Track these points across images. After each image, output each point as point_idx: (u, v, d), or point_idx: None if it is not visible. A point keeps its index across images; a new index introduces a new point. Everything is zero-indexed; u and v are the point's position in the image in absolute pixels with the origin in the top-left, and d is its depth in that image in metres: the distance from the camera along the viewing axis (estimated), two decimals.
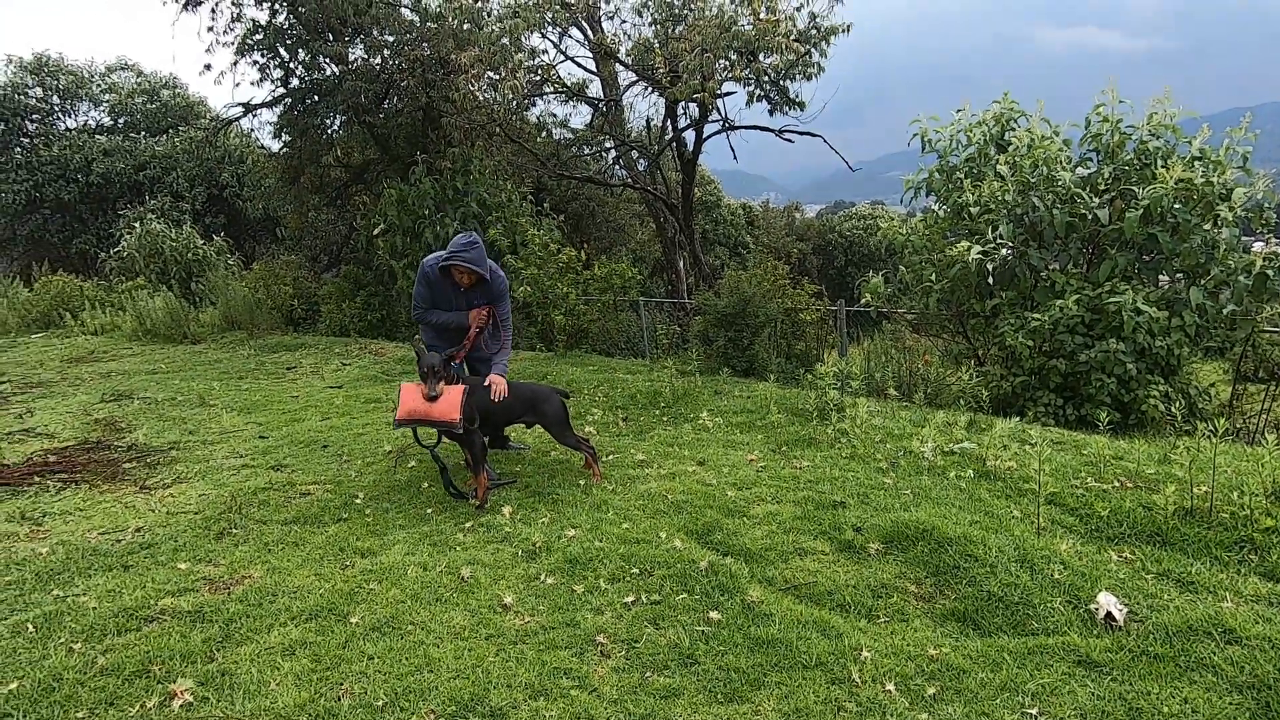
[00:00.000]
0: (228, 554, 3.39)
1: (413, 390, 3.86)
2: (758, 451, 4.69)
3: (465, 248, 4.09)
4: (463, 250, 4.08)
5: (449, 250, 4.12)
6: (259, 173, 15.02)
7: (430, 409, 3.78)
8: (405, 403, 3.79)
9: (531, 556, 3.27)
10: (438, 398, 3.80)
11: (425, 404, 3.79)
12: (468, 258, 4.07)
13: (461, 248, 4.09)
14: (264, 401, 6.82)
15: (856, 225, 31.75)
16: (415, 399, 3.81)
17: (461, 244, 4.11)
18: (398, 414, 3.79)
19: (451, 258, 4.09)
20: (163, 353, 10.35)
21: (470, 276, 4.18)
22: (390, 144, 12.02)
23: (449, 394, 3.84)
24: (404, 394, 3.84)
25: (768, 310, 7.47)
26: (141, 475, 4.69)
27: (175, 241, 14.97)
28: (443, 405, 3.80)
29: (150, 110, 22.39)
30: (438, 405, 3.79)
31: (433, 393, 3.80)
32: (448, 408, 3.80)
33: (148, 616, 2.80)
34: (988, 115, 7.18)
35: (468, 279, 4.20)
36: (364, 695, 2.28)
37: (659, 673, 2.42)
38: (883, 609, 2.83)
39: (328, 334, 11.33)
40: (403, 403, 3.80)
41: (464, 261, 4.07)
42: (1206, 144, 6.05)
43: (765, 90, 9.63)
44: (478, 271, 4.11)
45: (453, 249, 4.11)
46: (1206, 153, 6.01)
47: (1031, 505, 3.64)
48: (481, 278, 4.19)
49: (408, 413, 3.78)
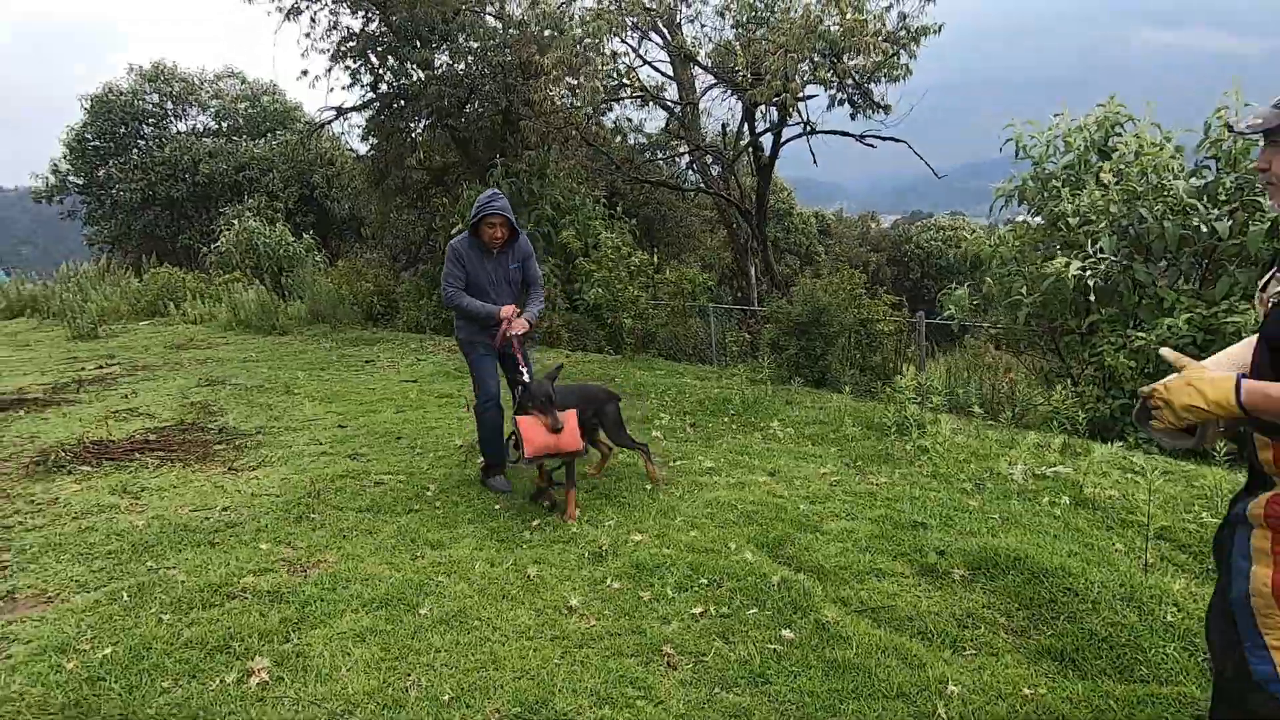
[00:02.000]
0: (305, 537, 3.49)
1: (535, 425, 3.63)
2: (831, 465, 4.52)
3: (492, 198, 4.03)
4: (491, 200, 4.01)
5: (477, 208, 4.03)
6: (347, 175, 15.72)
7: (560, 441, 3.63)
8: (532, 439, 3.59)
9: (598, 559, 3.22)
10: (561, 428, 3.63)
11: (553, 437, 3.62)
12: (499, 205, 4.00)
13: (489, 198, 4.02)
14: (343, 392, 7.07)
15: (935, 236, 30.56)
16: (541, 433, 3.61)
17: (486, 197, 4.04)
18: (527, 452, 3.58)
19: (482, 211, 4.00)
20: (253, 342, 10.91)
21: (502, 230, 4.08)
22: (470, 147, 12.36)
23: (568, 421, 3.71)
24: (526, 429, 3.62)
25: (843, 320, 7.25)
26: (230, 457, 4.92)
27: (268, 238, 15.81)
28: (568, 436, 3.65)
29: (251, 115, 23.82)
30: (564, 437, 3.64)
31: (557, 425, 3.62)
32: (572, 438, 3.67)
33: (230, 593, 2.89)
34: (1089, 120, 6.74)
35: (500, 233, 4.09)
36: (430, 688, 2.28)
37: (728, 690, 2.32)
38: (969, 641, 2.64)
39: (404, 330, 11.70)
40: (529, 440, 3.59)
41: (497, 210, 3.99)
42: None
43: (849, 93, 9.37)
44: (509, 219, 4.04)
45: (480, 206, 4.02)
46: None
47: (1136, 538, 3.35)
48: (513, 230, 4.12)
49: (539, 449, 3.60)
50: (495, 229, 4.09)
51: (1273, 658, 1.51)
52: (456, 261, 4.11)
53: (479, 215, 4.04)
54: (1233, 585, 1.59)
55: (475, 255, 4.15)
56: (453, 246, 4.15)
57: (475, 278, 4.15)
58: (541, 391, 3.72)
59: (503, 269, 4.23)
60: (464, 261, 4.12)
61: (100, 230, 23.20)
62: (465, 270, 4.13)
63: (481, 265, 4.16)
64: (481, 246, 4.15)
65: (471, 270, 4.14)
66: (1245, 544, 1.57)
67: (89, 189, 22.65)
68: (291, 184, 21.35)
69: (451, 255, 4.14)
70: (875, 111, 9.60)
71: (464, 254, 4.12)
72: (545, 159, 10.65)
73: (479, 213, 4.04)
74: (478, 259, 4.15)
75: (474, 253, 4.14)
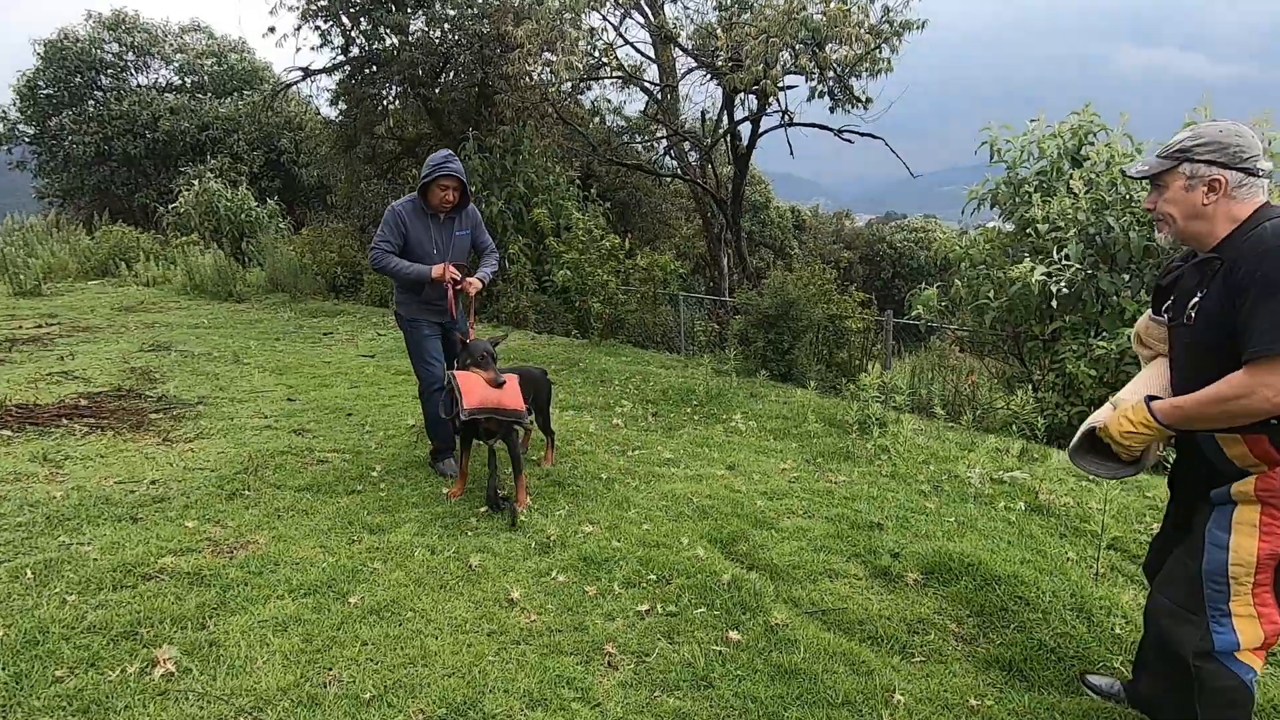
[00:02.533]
0: (236, 516, 3.30)
1: (475, 379, 3.40)
2: (791, 460, 4.45)
3: (448, 158, 3.76)
4: (447, 161, 3.75)
5: (431, 167, 3.74)
6: (314, 139, 15.19)
7: (501, 397, 3.38)
8: (473, 391, 3.33)
9: (545, 550, 3.10)
10: (504, 384, 3.41)
11: (495, 392, 3.38)
12: (455, 167, 3.74)
13: (445, 158, 3.76)
14: (296, 364, 6.80)
15: (907, 237, 30.87)
16: (483, 388, 3.36)
17: (442, 156, 3.77)
18: (466, 403, 3.27)
19: (437, 170, 3.71)
20: (207, 308, 10.50)
21: (454, 194, 3.82)
22: (443, 119, 11.99)
23: (510, 382, 3.49)
24: (465, 382, 3.36)
25: (811, 314, 7.19)
26: (166, 427, 4.67)
27: (230, 201, 15.22)
28: (510, 394, 3.43)
29: (217, 72, 22.88)
30: (506, 394, 3.40)
31: (499, 379, 3.39)
32: (515, 398, 3.45)
33: (146, 574, 2.71)
34: (1063, 127, 6.76)
35: (452, 196, 3.82)
36: (351, 685, 2.14)
37: (669, 693, 2.23)
38: (919, 647, 2.58)
39: (368, 304, 11.38)
40: (469, 391, 3.32)
41: (453, 171, 3.71)
42: None
43: (829, 85, 9.27)
44: (462, 181, 3.79)
45: (434, 165, 3.73)
46: None
47: (1088, 547, 3.34)
48: (465, 193, 3.88)
49: (479, 402, 3.31)
50: (447, 192, 3.82)
51: (1236, 628, 1.73)
52: (394, 224, 3.81)
53: (432, 175, 3.75)
54: (1204, 557, 1.77)
55: (419, 219, 3.85)
56: (392, 208, 3.84)
57: (416, 243, 3.86)
58: (481, 348, 3.52)
59: (448, 235, 3.96)
60: (404, 225, 3.82)
61: (51, 184, 22.13)
62: (405, 235, 3.83)
63: (425, 230, 3.88)
64: (427, 210, 3.88)
65: (413, 235, 3.84)
66: (1226, 519, 1.76)
67: (40, 139, 21.57)
68: (257, 147, 20.59)
69: (390, 217, 3.82)
70: (855, 105, 9.51)
71: (405, 217, 3.82)
72: (520, 135, 10.38)
73: (433, 172, 3.75)
74: (421, 223, 3.86)
75: (418, 216, 3.85)
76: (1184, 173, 1.83)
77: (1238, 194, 1.79)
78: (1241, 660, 1.75)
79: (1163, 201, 1.87)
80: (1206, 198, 1.80)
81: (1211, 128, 1.84)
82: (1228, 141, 1.79)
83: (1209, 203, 1.80)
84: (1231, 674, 1.75)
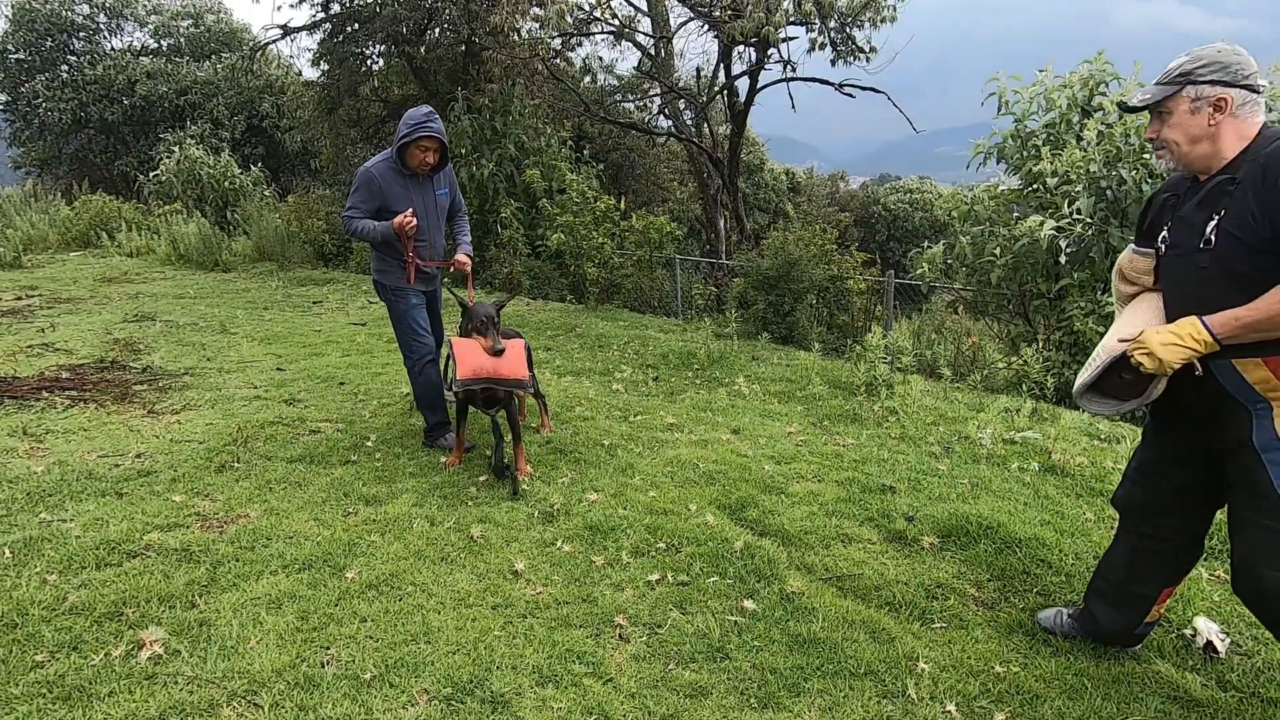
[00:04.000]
0: (226, 490, 3.17)
1: (471, 346, 3.25)
2: (797, 424, 4.34)
3: (428, 116, 3.51)
4: (428, 120, 3.50)
5: (410, 126, 3.48)
6: (296, 102, 14.72)
7: (498, 365, 3.22)
8: (466, 360, 3.18)
9: (549, 519, 2.99)
10: (503, 352, 3.24)
11: (491, 360, 3.22)
12: (437, 126, 3.51)
13: (425, 116, 3.51)
14: (286, 333, 6.62)
15: (902, 199, 30.50)
16: (478, 355, 3.21)
17: (422, 115, 3.51)
18: (460, 373, 3.14)
19: (417, 130, 3.47)
20: (192, 278, 10.25)
21: (435, 154, 3.60)
22: (430, 79, 11.60)
23: (512, 348, 3.32)
24: (461, 350, 3.20)
25: (813, 275, 7.03)
26: (151, 399, 4.52)
27: (213, 169, 14.80)
28: (510, 362, 3.26)
29: (194, 34, 22.11)
30: (505, 362, 3.25)
31: (498, 346, 3.23)
32: (516, 364, 3.28)
33: (131, 551, 2.58)
34: (1074, 77, 6.52)
35: (432, 158, 3.60)
36: (351, 664, 2.03)
37: (684, 666, 2.13)
38: (938, 613, 2.49)
39: (357, 271, 11.13)
40: (463, 360, 3.17)
41: (435, 132, 3.48)
42: None
43: (830, 35, 8.93)
44: (442, 141, 3.56)
45: (414, 125, 3.48)
46: None
47: (1105, 507, 3.24)
48: (445, 154, 3.65)
49: (472, 371, 3.16)
50: (427, 153, 3.58)
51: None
52: (368, 189, 3.58)
53: (412, 135, 3.48)
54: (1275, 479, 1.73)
55: (397, 182, 3.62)
56: (367, 171, 3.58)
57: (394, 208, 3.61)
58: (483, 312, 3.33)
59: (430, 196, 3.74)
60: (381, 190, 3.59)
61: (27, 153, 21.50)
62: (381, 199, 3.60)
63: (405, 193, 3.64)
64: (405, 172, 3.63)
65: (391, 199, 3.60)
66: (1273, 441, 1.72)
67: (13, 106, 20.89)
68: (238, 112, 20.01)
69: (363, 181, 3.58)
70: (858, 56, 9.16)
71: (381, 181, 3.58)
72: (510, 94, 10.02)
73: (413, 132, 3.48)
74: (399, 184, 3.62)
75: (395, 179, 3.61)
76: (1188, 95, 1.80)
77: (1241, 112, 1.78)
78: None
79: (1166, 129, 1.85)
80: (1212, 118, 1.78)
81: (1209, 50, 1.82)
82: (1228, 61, 1.78)
83: (1215, 123, 1.78)
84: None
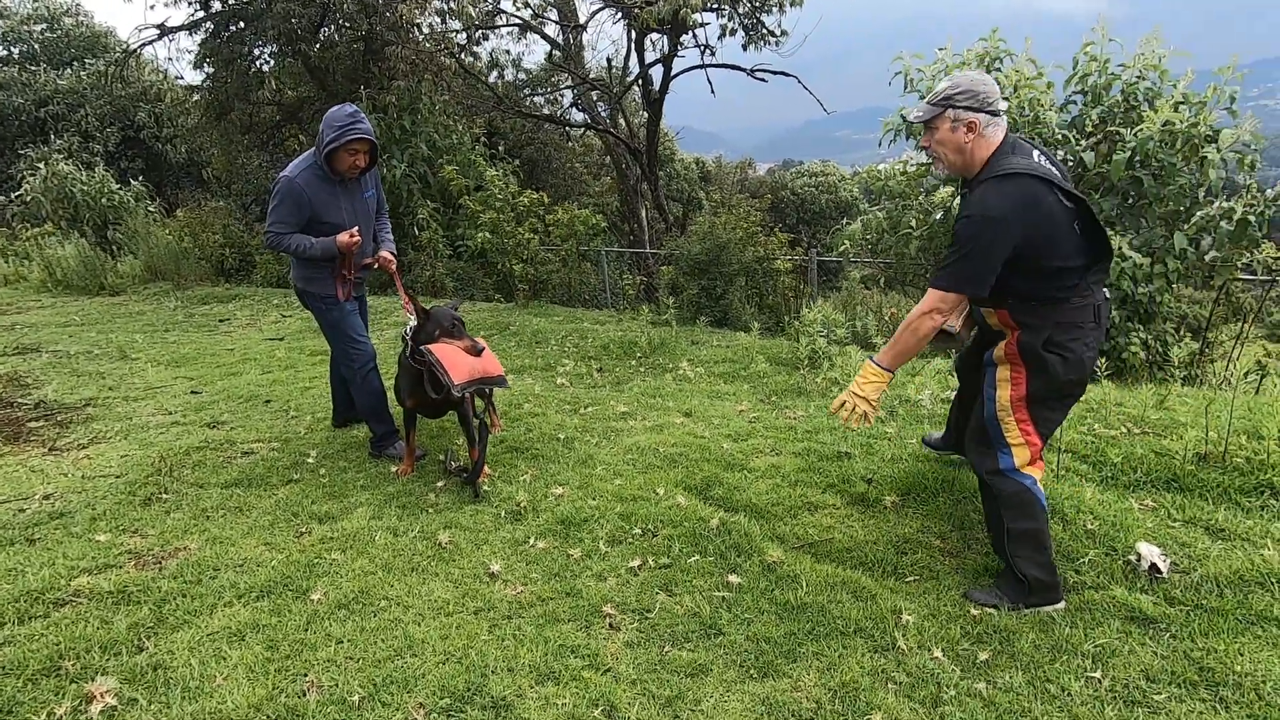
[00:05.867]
0: (157, 523, 2.91)
1: (453, 350, 3.11)
2: (746, 402, 4.40)
3: (354, 117, 3.23)
4: (355, 122, 3.22)
5: (337, 129, 3.20)
6: (178, 109, 13.69)
7: (486, 366, 3.15)
8: (457, 364, 3.05)
9: (517, 518, 2.91)
10: (482, 350, 3.16)
11: (479, 360, 3.13)
12: (366, 128, 3.25)
13: (351, 118, 3.23)
14: (195, 355, 6.16)
15: (808, 183, 31.55)
16: (465, 358, 3.09)
17: (348, 117, 3.23)
18: (455, 378, 3.00)
19: (346, 133, 3.20)
20: (76, 305, 9.38)
21: (365, 156, 3.36)
22: (327, 78, 11.01)
23: (485, 346, 3.22)
24: (445, 355, 3.06)
25: (742, 258, 7.14)
26: (51, 435, 4.10)
27: (87, 185, 13.58)
28: (491, 359, 3.19)
29: (50, 39, 20.19)
30: (488, 360, 3.17)
31: (478, 345, 3.16)
32: (494, 361, 3.22)
33: (58, 600, 2.33)
34: (971, 54, 6.89)
35: (363, 159, 3.35)
36: (335, 688, 1.90)
37: (680, 646, 2.12)
38: (909, 567, 2.59)
39: (264, 285, 10.49)
40: (452, 365, 3.03)
41: (364, 134, 3.23)
42: (1190, 88, 5.92)
43: (741, 21, 9.08)
44: (373, 141, 3.33)
45: (342, 127, 3.20)
46: (1189, 96, 5.88)
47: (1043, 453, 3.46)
48: (375, 152, 3.41)
49: (468, 374, 3.05)
50: (358, 156, 3.32)
51: (1012, 452, 2.30)
52: (294, 201, 3.28)
53: (340, 138, 3.20)
54: (985, 408, 2.35)
55: (325, 190, 3.34)
56: (291, 183, 3.28)
57: (326, 218, 3.35)
58: (449, 315, 3.21)
59: (359, 200, 3.48)
60: (309, 200, 3.30)
61: None
62: (311, 211, 3.32)
63: (335, 201, 3.37)
64: (332, 178, 3.36)
65: (321, 209, 3.33)
66: (993, 378, 2.34)
67: None
68: (110, 122, 18.41)
69: (288, 194, 3.28)
70: (768, 41, 9.36)
71: (308, 191, 3.29)
72: (418, 91, 9.66)
73: (341, 135, 3.20)
74: (327, 192, 3.35)
75: (322, 186, 3.33)
76: (949, 116, 2.17)
77: (987, 132, 2.18)
78: (1022, 472, 2.30)
79: (935, 142, 2.24)
80: (966, 136, 2.18)
81: (965, 77, 2.17)
82: (978, 89, 2.15)
83: (968, 141, 2.18)
84: (1017, 483, 2.29)
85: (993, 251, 2.07)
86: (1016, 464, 2.29)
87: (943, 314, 2.19)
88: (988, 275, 2.11)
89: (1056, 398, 2.29)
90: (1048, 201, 2.08)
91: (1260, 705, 1.87)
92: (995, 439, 2.31)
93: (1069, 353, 2.20)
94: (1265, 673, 1.97)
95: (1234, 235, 5.56)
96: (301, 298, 3.60)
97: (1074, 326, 2.20)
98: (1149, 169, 5.67)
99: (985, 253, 2.08)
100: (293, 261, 3.53)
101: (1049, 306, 2.19)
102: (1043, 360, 2.20)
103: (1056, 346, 2.19)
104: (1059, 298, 2.18)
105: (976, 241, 2.09)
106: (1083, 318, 2.21)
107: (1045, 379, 2.22)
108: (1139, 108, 5.88)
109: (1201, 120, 5.57)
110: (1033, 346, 2.21)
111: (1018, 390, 2.26)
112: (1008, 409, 2.27)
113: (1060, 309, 2.19)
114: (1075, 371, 2.22)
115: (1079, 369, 2.22)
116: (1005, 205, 2.06)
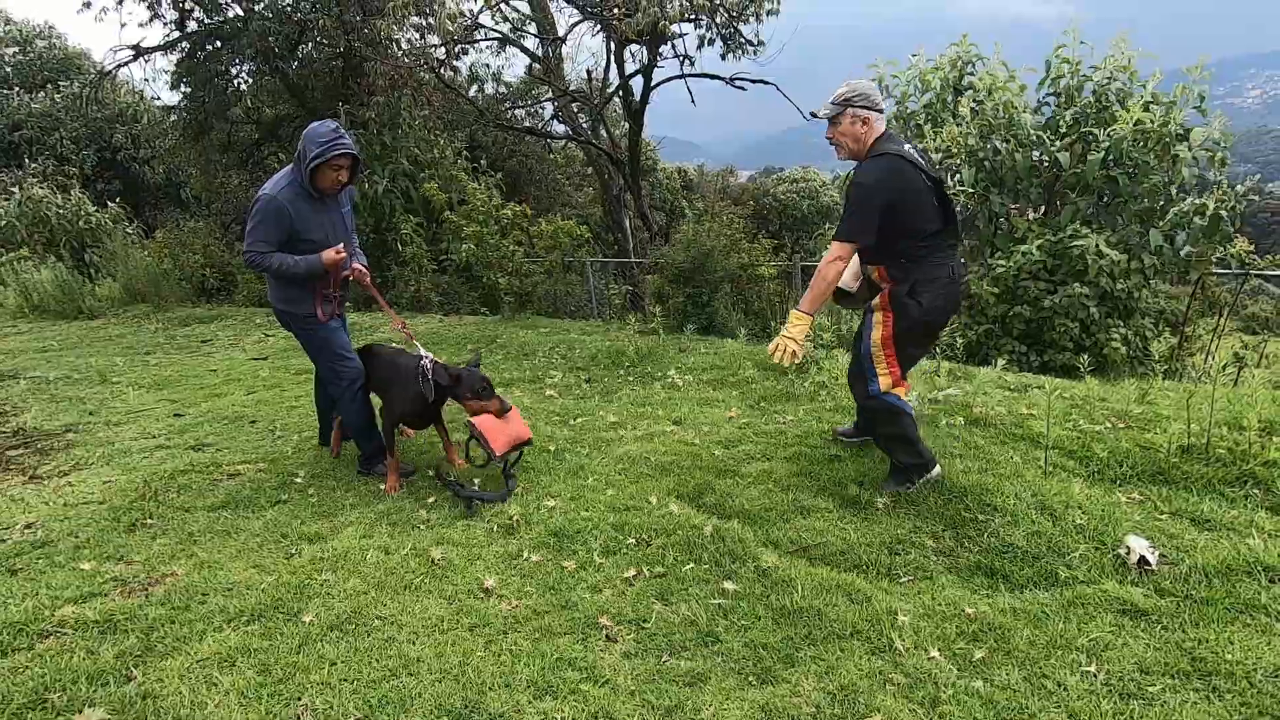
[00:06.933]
0: (143, 549, 2.87)
1: (494, 422, 3.21)
2: (735, 408, 4.41)
3: (336, 133, 3.20)
4: (337, 137, 3.19)
5: (321, 145, 3.17)
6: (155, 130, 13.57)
7: (518, 431, 3.29)
8: (498, 433, 3.18)
9: (510, 532, 2.89)
10: (510, 409, 3.28)
11: (515, 426, 3.28)
12: (348, 143, 3.21)
13: (334, 134, 3.20)
14: (177, 377, 6.08)
15: (790, 189, 31.79)
16: (501, 425, 3.22)
17: (331, 132, 3.20)
18: (497, 448, 3.15)
19: (329, 149, 3.16)
20: (54, 329, 9.24)
21: (348, 171, 3.32)
22: (306, 96, 11.00)
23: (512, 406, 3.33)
24: (489, 428, 3.18)
25: (727, 265, 7.17)
26: (31, 463, 4.03)
27: (62, 208, 13.40)
28: (517, 421, 3.32)
29: (22, 63, 19.96)
30: (517, 424, 3.30)
31: (506, 406, 3.27)
32: (521, 423, 3.35)
33: (42, 631, 2.28)
34: (944, 59, 7.01)
35: (345, 175, 3.31)
36: (330, 711, 1.87)
37: (678, 656, 2.11)
38: (903, 567, 2.60)
39: (246, 304, 10.40)
40: (495, 435, 3.16)
41: (347, 149, 3.20)
42: (1158, 88, 6.04)
43: (719, 30, 9.16)
44: (355, 156, 3.30)
45: (325, 143, 3.17)
46: (1159, 96, 6.01)
47: (1029, 449, 3.49)
48: (356, 167, 3.35)
49: (507, 442, 3.21)
50: (341, 171, 3.28)
51: (879, 380, 2.95)
52: (276, 219, 3.22)
53: (324, 154, 3.16)
54: (862, 344, 3.01)
55: (305, 206, 3.28)
56: (271, 200, 3.21)
57: (307, 235, 3.30)
58: (478, 379, 3.30)
59: (337, 216, 3.44)
60: (290, 219, 3.24)
61: None
62: (292, 229, 3.26)
63: (315, 218, 3.31)
64: (312, 195, 3.30)
65: (302, 226, 3.27)
66: (870, 321, 2.99)
67: None
68: (86, 145, 18.21)
69: (269, 212, 3.21)
70: (746, 51, 9.46)
71: (290, 209, 3.23)
72: (398, 106, 9.65)
73: (325, 151, 3.16)
74: (308, 209, 3.29)
75: (304, 203, 3.28)
76: (849, 114, 2.83)
77: (875, 125, 2.84)
78: (886, 394, 2.94)
79: (838, 133, 2.87)
80: (861, 129, 2.83)
81: (860, 83, 2.85)
82: (869, 92, 2.83)
83: (863, 132, 2.84)
84: (884, 402, 2.95)
85: (873, 206, 2.72)
86: (882, 388, 2.93)
87: (843, 260, 2.78)
88: (871, 227, 2.73)
89: (916, 339, 2.95)
90: (910, 173, 2.74)
91: (1252, 693, 1.89)
92: (869, 370, 2.96)
93: (925, 299, 2.83)
94: (1256, 661, 2.00)
95: (1207, 231, 5.68)
96: (281, 319, 3.55)
97: (931, 281, 2.83)
98: (1123, 168, 5.78)
99: (867, 208, 2.72)
100: (270, 282, 3.47)
101: (914, 264, 2.84)
102: (904, 306, 2.85)
103: (916, 295, 2.83)
104: (920, 256, 2.83)
105: (861, 201, 2.74)
106: (939, 273, 2.84)
107: (908, 321, 2.86)
108: (1111, 108, 5.99)
109: (1172, 119, 5.69)
110: (899, 295, 2.87)
111: (886, 330, 2.91)
112: (879, 345, 2.93)
113: (921, 266, 2.83)
114: (929, 315, 2.87)
115: (933, 314, 2.87)
116: (880, 173, 2.73)
